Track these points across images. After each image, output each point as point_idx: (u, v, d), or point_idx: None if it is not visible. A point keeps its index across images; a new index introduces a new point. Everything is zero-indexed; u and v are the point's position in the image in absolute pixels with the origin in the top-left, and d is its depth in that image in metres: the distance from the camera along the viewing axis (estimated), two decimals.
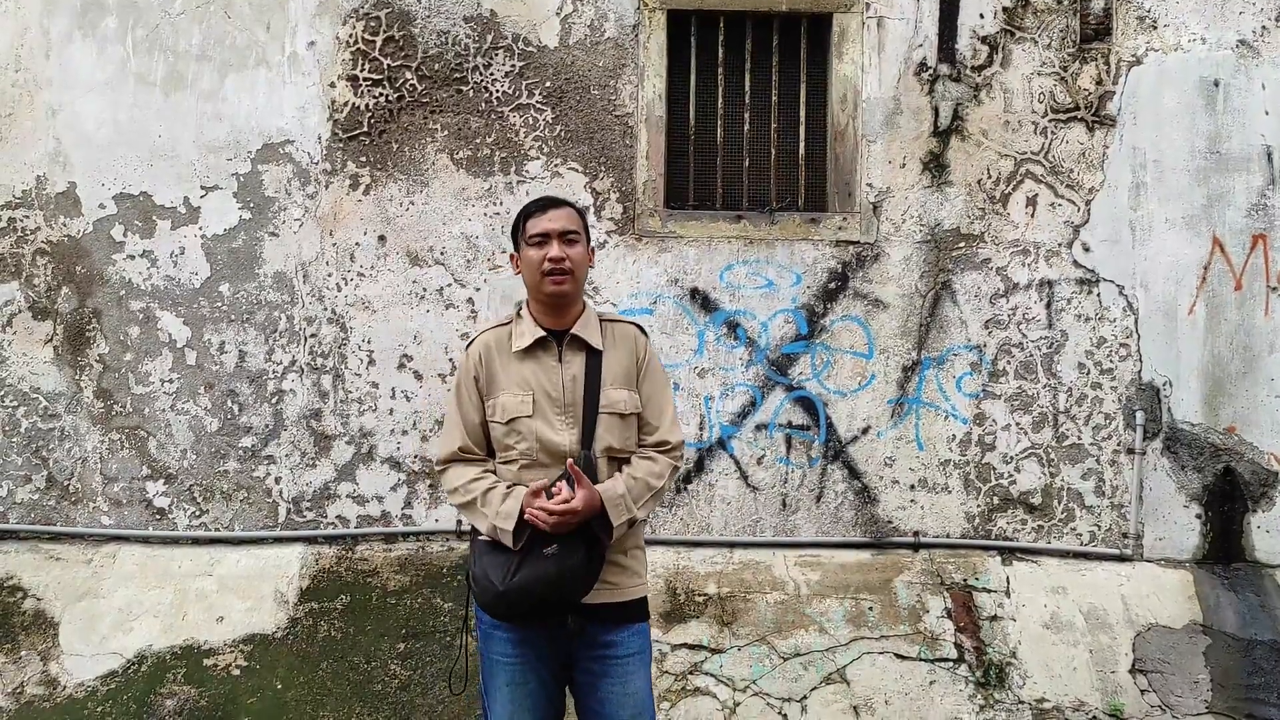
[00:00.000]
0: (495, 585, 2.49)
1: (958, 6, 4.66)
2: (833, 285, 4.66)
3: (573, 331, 2.66)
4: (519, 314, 2.74)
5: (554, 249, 2.60)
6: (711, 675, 4.16)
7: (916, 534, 4.64)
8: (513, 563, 2.48)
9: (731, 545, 4.61)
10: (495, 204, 4.60)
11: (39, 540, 4.55)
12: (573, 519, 2.46)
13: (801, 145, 4.76)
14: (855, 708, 4.10)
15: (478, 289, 4.61)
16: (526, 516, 2.47)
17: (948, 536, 4.65)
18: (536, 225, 2.65)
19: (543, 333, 2.65)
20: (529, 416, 2.60)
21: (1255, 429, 4.66)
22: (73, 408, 4.58)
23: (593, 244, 2.78)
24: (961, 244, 4.67)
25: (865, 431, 4.66)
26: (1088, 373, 4.66)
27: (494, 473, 2.66)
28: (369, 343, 4.60)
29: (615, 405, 2.63)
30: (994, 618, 4.40)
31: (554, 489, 2.50)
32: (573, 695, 2.69)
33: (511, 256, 2.79)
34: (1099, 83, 4.68)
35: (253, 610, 4.33)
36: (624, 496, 2.56)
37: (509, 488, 2.58)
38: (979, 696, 4.16)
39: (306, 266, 4.59)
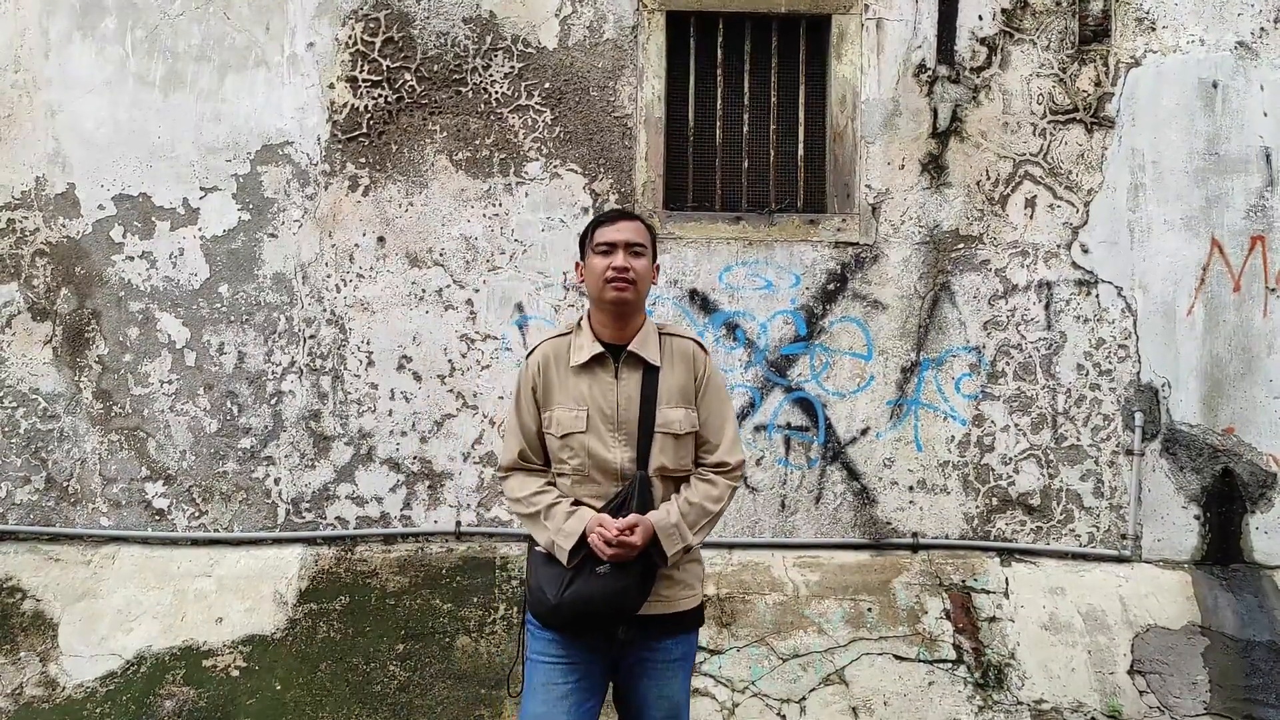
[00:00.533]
0: (549, 598, 2.54)
1: (956, 8, 4.66)
2: (831, 286, 4.66)
3: (630, 348, 2.65)
4: (579, 325, 2.73)
5: (619, 258, 2.60)
6: (710, 676, 4.16)
7: (915, 535, 4.64)
8: (566, 578, 2.53)
9: (730, 546, 4.61)
10: (494, 205, 4.60)
11: (38, 541, 4.55)
12: (630, 553, 2.50)
13: (800, 146, 4.77)
14: (854, 709, 4.11)
15: (477, 290, 4.61)
16: (590, 542, 2.51)
17: (946, 537, 4.66)
18: (605, 234, 2.65)
19: (600, 349, 2.64)
20: (583, 432, 2.61)
21: (1254, 430, 4.67)
22: (72, 409, 4.58)
23: (657, 262, 2.77)
24: (960, 245, 4.67)
25: (864, 433, 4.67)
26: (1086, 374, 4.67)
27: (553, 484, 2.69)
28: (368, 344, 4.60)
29: (670, 425, 2.62)
30: (993, 619, 4.41)
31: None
32: (614, 690, 2.72)
33: (577, 264, 2.79)
34: (1098, 84, 4.68)
35: (252, 611, 4.33)
36: (677, 526, 2.57)
37: (573, 505, 2.61)
38: (978, 697, 4.17)
39: (306, 268, 4.59)
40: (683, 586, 2.67)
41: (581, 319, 2.74)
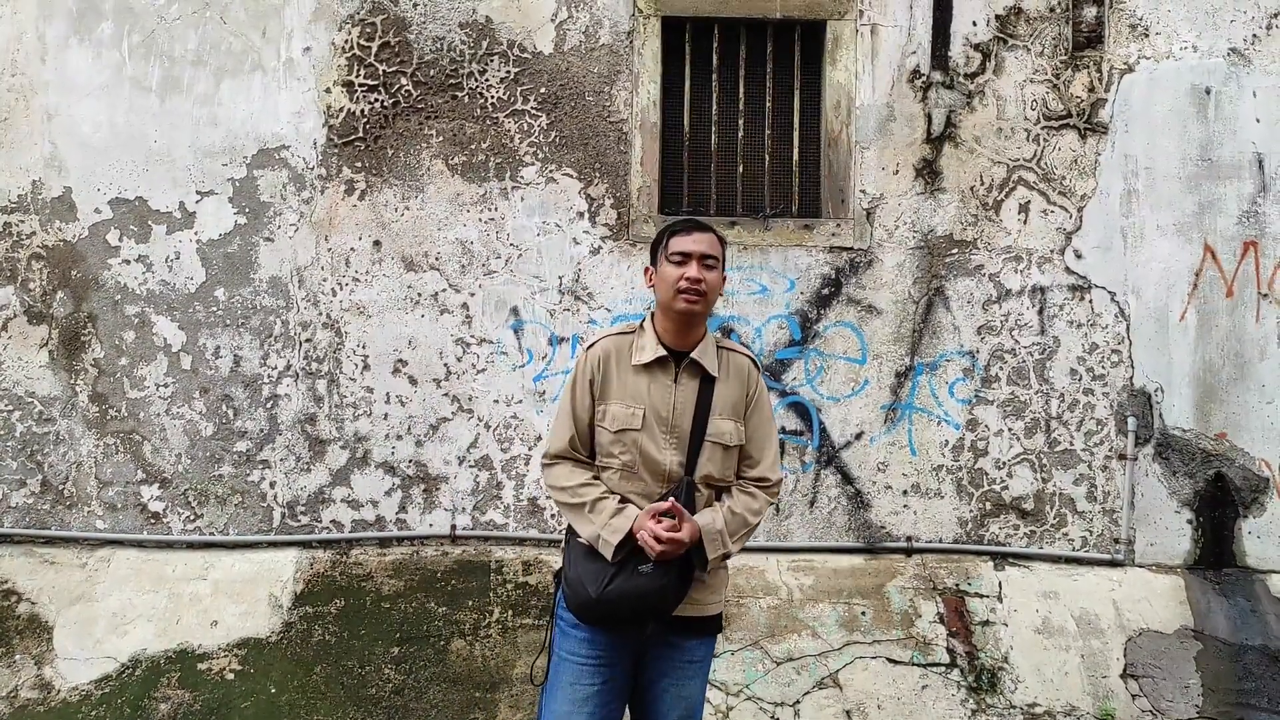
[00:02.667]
0: (589, 593, 2.57)
1: (950, 14, 4.68)
2: (826, 291, 4.67)
3: (693, 356, 2.70)
4: (641, 326, 2.77)
5: (693, 269, 2.64)
6: None
7: (909, 539, 4.65)
8: (608, 574, 2.56)
9: None
10: (490, 209, 4.62)
11: (33, 544, 4.55)
12: (678, 550, 2.54)
13: (795, 151, 4.78)
14: (848, 712, 4.12)
15: (472, 294, 4.62)
16: (639, 538, 2.55)
17: (940, 541, 4.67)
18: (680, 244, 2.68)
19: (664, 351, 2.69)
20: (637, 430, 2.65)
21: (1246, 435, 4.69)
22: (68, 412, 4.58)
23: (725, 273, 2.82)
24: (954, 250, 4.69)
25: (858, 437, 4.68)
26: (1080, 379, 4.68)
27: (599, 479, 2.72)
28: (364, 347, 4.61)
29: (721, 435, 2.68)
30: (986, 623, 4.42)
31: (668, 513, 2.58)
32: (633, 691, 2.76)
33: (646, 270, 2.82)
34: (1091, 90, 4.70)
35: (247, 614, 4.34)
36: (721, 532, 2.64)
37: (620, 503, 2.64)
38: (971, 701, 4.18)
39: (302, 271, 4.60)
40: (711, 591, 2.73)
41: (644, 321, 2.78)
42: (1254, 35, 4.72)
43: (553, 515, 4.60)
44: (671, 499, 2.58)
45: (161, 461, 4.58)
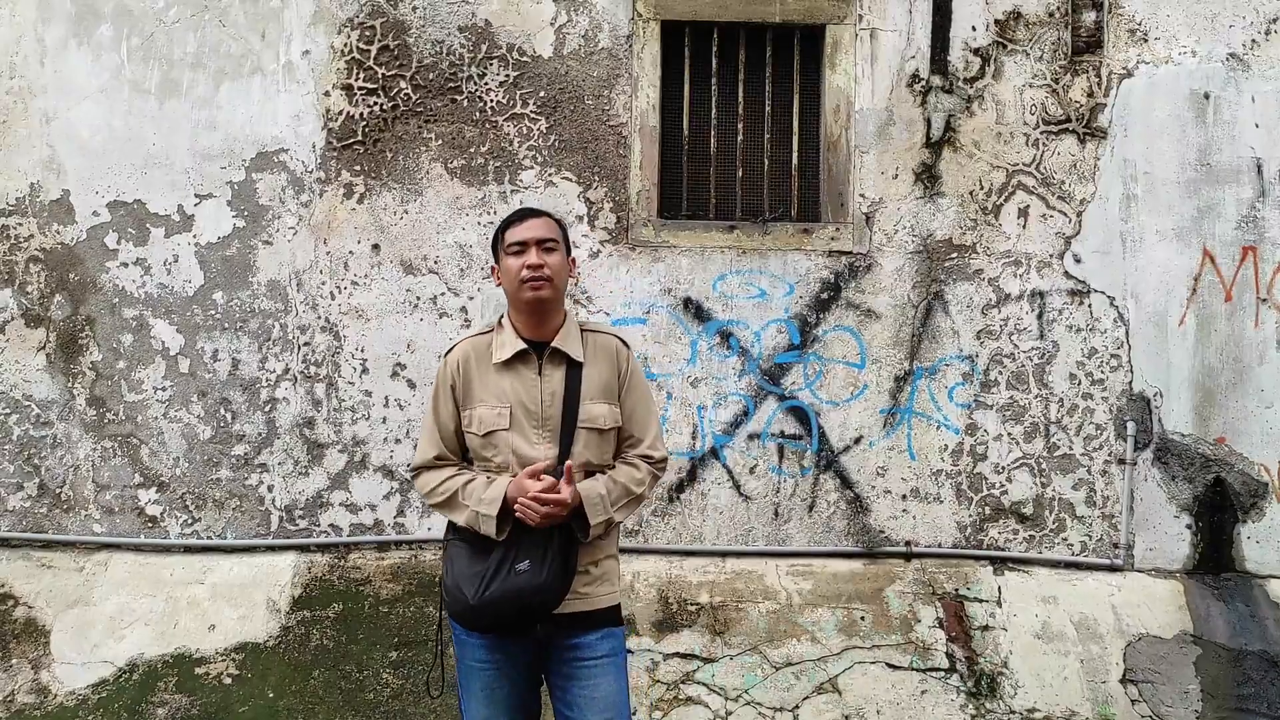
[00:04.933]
0: (466, 598, 2.51)
1: (950, 19, 4.69)
2: (825, 295, 4.67)
3: (553, 344, 2.65)
4: (499, 323, 2.73)
5: (532, 256, 2.60)
6: (703, 684, 4.16)
7: (908, 544, 4.65)
8: (485, 576, 2.50)
9: (724, 555, 4.62)
10: (489, 213, 4.61)
11: (30, 548, 4.54)
12: (561, 511, 2.48)
13: (794, 156, 4.78)
14: (847, 717, 4.11)
15: (471, 298, 4.62)
16: (516, 510, 2.48)
17: (939, 546, 4.66)
18: (515, 234, 2.65)
19: (523, 345, 2.64)
20: (506, 430, 2.61)
21: (1245, 440, 4.68)
22: (65, 415, 4.57)
23: (573, 254, 2.77)
24: (954, 255, 4.69)
25: (857, 441, 4.67)
26: (1079, 383, 4.68)
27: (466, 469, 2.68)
28: (362, 351, 4.60)
29: (595, 420, 2.64)
30: (985, 627, 4.42)
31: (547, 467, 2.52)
32: (551, 699, 2.70)
33: (493, 269, 2.79)
34: (1090, 95, 4.71)
35: (245, 618, 4.33)
36: (603, 497, 2.58)
37: (490, 479, 2.59)
38: (970, 706, 4.17)
39: (300, 275, 4.60)
40: (600, 583, 2.66)
41: (502, 317, 2.74)
42: (1253, 40, 4.73)
43: None
44: (568, 463, 2.52)
45: (159, 465, 4.57)
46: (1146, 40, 4.72)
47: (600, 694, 2.60)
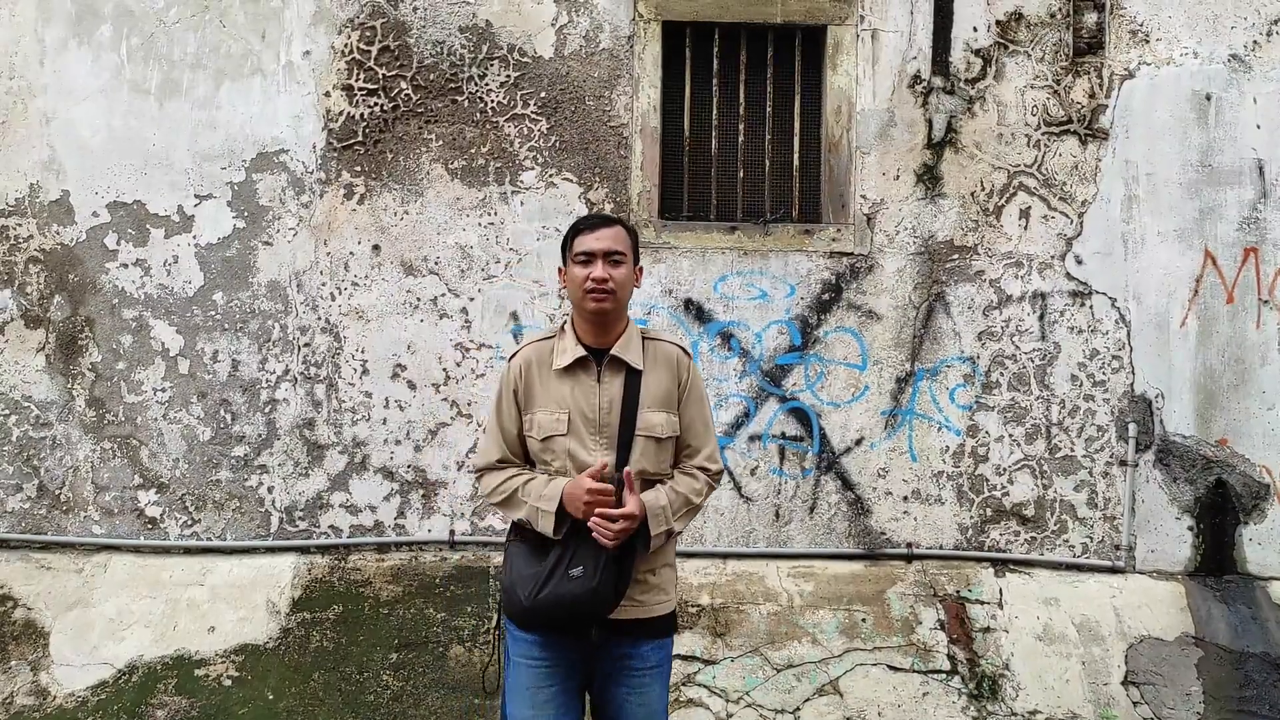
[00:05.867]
0: (521, 599, 2.54)
1: (951, 20, 4.68)
2: (826, 296, 4.67)
3: (613, 352, 2.66)
4: (562, 329, 2.74)
5: (598, 269, 2.60)
6: (705, 686, 4.15)
7: (910, 545, 4.64)
8: (540, 579, 2.52)
9: (725, 556, 4.61)
10: (490, 214, 4.60)
11: (30, 549, 4.53)
12: (633, 525, 2.49)
13: (796, 156, 4.78)
14: (848, 719, 4.10)
15: (471, 299, 4.61)
16: (593, 528, 2.48)
17: (941, 548, 4.66)
18: (583, 243, 2.65)
19: (583, 352, 2.65)
20: (563, 435, 2.62)
21: (1247, 441, 4.68)
22: (64, 416, 4.56)
23: (640, 264, 2.78)
24: (955, 256, 4.68)
25: (859, 443, 4.67)
26: (1080, 385, 4.67)
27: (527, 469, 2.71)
28: (362, 352, 4.59)
29: (652, 429, 2.64)
30: (987, 629, 4.41)
31: (605, 472, 2.52)
32: (591, 700, 2.72)
33: (559, 271, 2.79)
34: (1092, 96, 4.70)
35: (244, 620, 4.31)
36: (665, 508, 2.59)
37: (550, 478, 2.61)
38: (972, 708, 4.16)
39: (300, 276, 4.59)
40: (657, 591, 2.66)
41: (565, 323, 2.75)
42: (1254, 41, 4.72)
43: None
44: (626, 470, 2.53)
45: (159, 466, 4.56)
46: (1148, 41, 4.72)
47: (646, 701, 2.63)
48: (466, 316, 4.61)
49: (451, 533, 4.57)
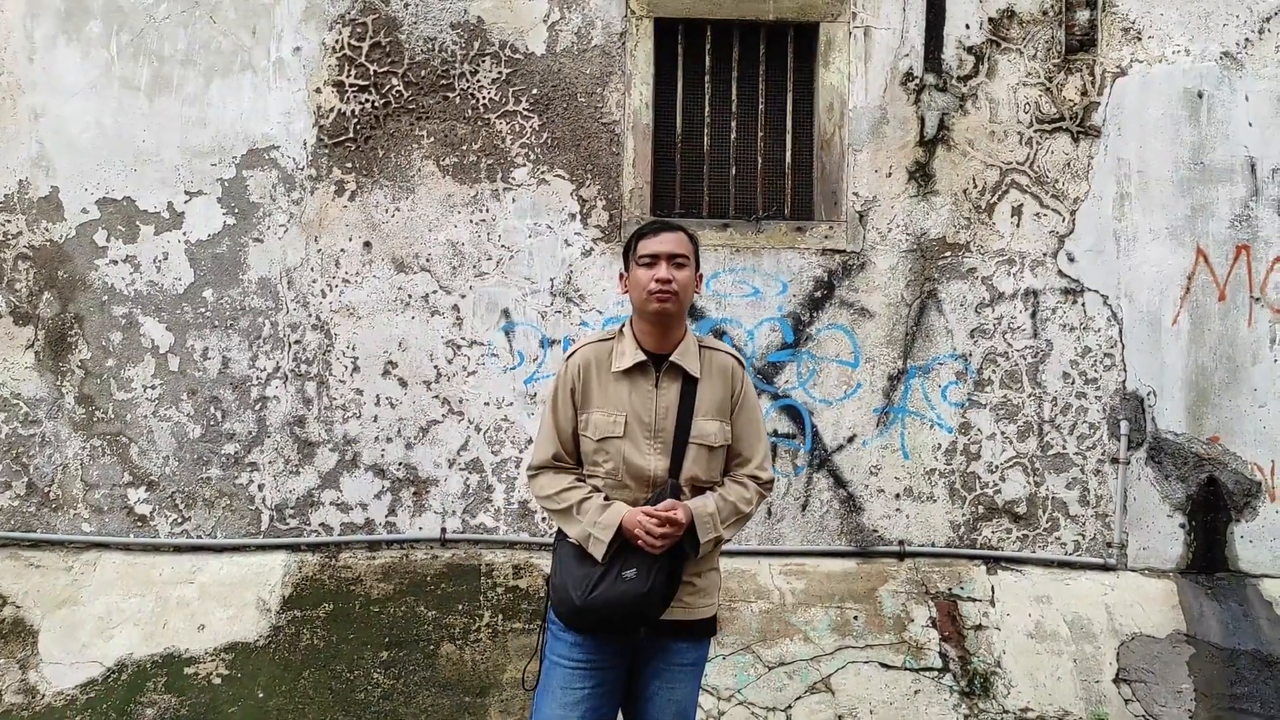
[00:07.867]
0: (573, 600, 2.56)
1: (944, 17, 4.68)
2: (819, 294, 4.66)
3: (671, 358, 2.68)
4: (621, 332, 2.76)
5: (662, 270, 2.63)
6: None
7: (902, 543, 4.64)
8: (592, 580, 2.55)
9: None
10: (481, 211, 4.59)
11: (18, 547, 4.51)
12: (678, 533, 2.53)
13: (788, 154, 4.77)
14: (840, 717, 4.09)
15: (463, 296, 4.60)
16: (639, 536, 2.52)
17: (933, 546, 4.65)
18: (647, 246, 2.67)
19: (643, 356, 2.67)
20: (619, 438, 2.64)
21: (1239, 439, 4.68)
22: (54, 413, 4.54)
23: (700, 271, 2.82)
24: (947, 253, 4.68)
25: (851, 440, 4.66)
26: (1072, 382, 4.67)
27: (583, 481, 2.71)
28: (353, 349, 4.58)
29: (706, 437, 2.66)
30: (979, 627, 4.40)
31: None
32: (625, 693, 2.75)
33: (620, 275, 2.82)
34: (1084, 93, 4.70)
35: (235, 618, 4.30)
36: (713, 515, 2.62)
37: (606, 500, 2.63)
38: (964, 706, 4.16)
39: (291, 273, 4.57)
40: (702, 594, 2.71)
41: (624, 326, 2.77)
42: (1246, 39, 4.73)
43: (543, 519, 4.57)
44: (669, 501, 2.56)
45: (149, 464, 4.54)
46: (1140, 39, 4.72)
47: (677, 696, 2.67)
48: (458, 314, 4.60)
49: (443, 530, 4.56)
